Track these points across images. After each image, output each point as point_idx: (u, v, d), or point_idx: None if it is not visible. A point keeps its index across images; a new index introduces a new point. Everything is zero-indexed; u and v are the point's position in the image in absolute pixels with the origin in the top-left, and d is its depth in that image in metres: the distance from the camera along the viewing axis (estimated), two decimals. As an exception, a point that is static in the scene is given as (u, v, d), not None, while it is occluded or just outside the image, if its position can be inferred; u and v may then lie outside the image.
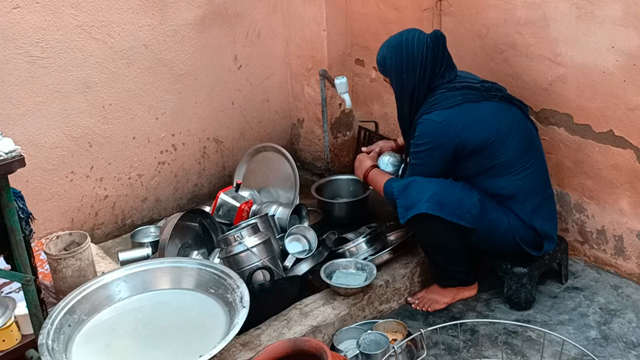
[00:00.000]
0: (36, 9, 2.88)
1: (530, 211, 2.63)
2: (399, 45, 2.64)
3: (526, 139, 2.64)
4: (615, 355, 2.47)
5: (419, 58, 2.60)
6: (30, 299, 2.18)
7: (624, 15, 2.56)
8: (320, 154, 3.85)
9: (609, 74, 2.68)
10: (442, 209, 2.54)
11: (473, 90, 2.62)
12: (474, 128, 2.55)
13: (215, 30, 3.48)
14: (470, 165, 2.61)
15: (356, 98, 3.76)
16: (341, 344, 2.55)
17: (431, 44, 2.60)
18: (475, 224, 2.58)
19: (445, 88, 2.61)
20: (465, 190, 2.61)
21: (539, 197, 2.66)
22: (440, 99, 2.59)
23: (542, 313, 2.72)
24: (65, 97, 3.06)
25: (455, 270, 2.76)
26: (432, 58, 2.60)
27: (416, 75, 2.62)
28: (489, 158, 2.58)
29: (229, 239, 2.74)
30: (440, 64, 2.63)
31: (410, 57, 2.61)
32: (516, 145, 2.59)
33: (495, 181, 2.61)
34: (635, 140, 2.68)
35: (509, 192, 2.62)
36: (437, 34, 2.62)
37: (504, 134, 2.57)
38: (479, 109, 2.59)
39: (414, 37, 2.63)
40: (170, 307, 2.43)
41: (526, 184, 2.62)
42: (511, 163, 2.59)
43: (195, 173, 3.63)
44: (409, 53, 2.61)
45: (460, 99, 2.57)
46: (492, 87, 2.67)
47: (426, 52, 2.60)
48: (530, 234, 2.65)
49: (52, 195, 3.14)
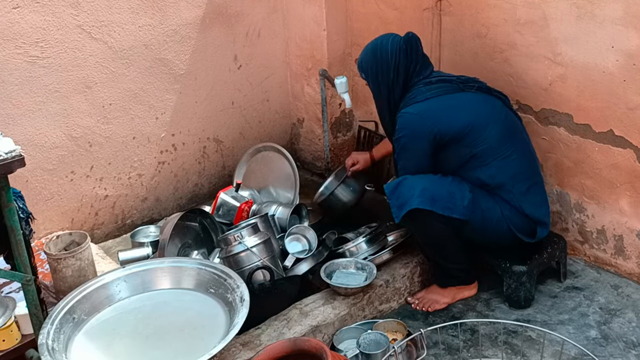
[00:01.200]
0: (36, 9, 2.88)
1: (519, 198, 2.64)
2: (374, 49, 2.76)
3: (507, 127, 2.67)
4: (615, 355, 2.47)
5: (392, 59, 2.70)
6: (30, 298, 2.18)
7: (624, 15, 2.56)
8: (320, 154, 3.85)
9: (609, 73, 2.68)
10: (433, 203, 2.57)
11: (448, 83, 2.69)
12: (451, 116, 2.61)
13: (215, 30, 3.48)
14: (452, 156, 2.64)
15: (356, 98, 3.76)
16: (341, 344, 2.55)
17: (404, 45, 2.70)
18: (468, 216, 2.60)
19: (421, 84, 2.69)
20: (455, 183, 2.63)
21: (527, 183, 2.67)
22: (416, 93, 2.67)
23: (542, 313, 2.72)
24: (65, 97, 3.06)
25: (454, 268, 2.76)
26: (404, 58, 2.70)
27: (390, 76, 2.72)
28: (469, 146, 2.61)
29: (229, 238, 2.74)
30: (415, 63, 2.71)
31: (384, 59, 2.72)
32: (496, 133, 2.62)
33: (479, 171, 2.64)
34: (635, 140, 2.68)
35: (495, 180, 2.64)
36: (410, 35, 2.73)
37: (483, 122, 2.61)
38: (455, 98, 2.66)
39: (387, 40, 2.75)
40: (170, 307, 2.44)
41: (510, 170, 2.64)
42: (492, 150, 2.61)
43: (195, 173, 3.64)
44: (383, 55, 2.72)
45: (435, 92, 2.65)
46: (469, 80, 2.74)
47: (399, 53, 2.70)
48: (524, 220, 2.66)
49: (52, 195, 3.14)
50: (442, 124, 2.58)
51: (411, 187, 2.61)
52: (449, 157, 2.65)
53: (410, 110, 2.64)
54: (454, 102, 2.65)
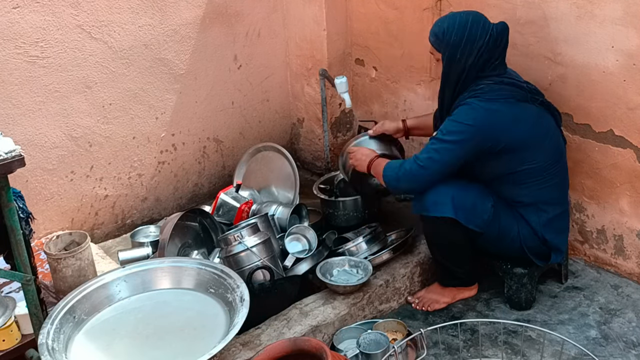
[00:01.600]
0: (36, 9, 2.88)
1: (544, 223, 2.59)
2: (464, 24, 2.51)
3: (556, 150, 2.60)
4: (615, 354, 2.47)
5: (479, 43, 2.49)
6: (30, 298, 2.18)
7: (624, 15, 2.56)
8: (320, 154, 3.85)
9: (609, 73, 2.68)
10: (455, 212, 2.51)
11: (519, 89, 2.55)
12: (515, 126, 2.48)
13: (215, 30, 3.48)
14: (498, 167, 2.55)
15: (356, 98, 3.76)
16: (341, 344, 2.55)
17: (495, 33, 2.51)
18: (484, 229, 2.57)
19: (492, 80, 2.53)
20: (481, 195, 2.57)
21: (556, 210, 2.62)
22: (487, 89, 2.50)
23: (542, 313, 2.72)
24: (65, 97, 3.06)
25: (457, 270, 2.76)
26: (492, 47, 2.51)
27: (470, 60, 2.51)
28: (519, 162, 2.52)
29: (229, 238, 2.74)
30: (497, 56, 2.55)
31: (472, 39, 2.49)
32: (546, 154, 2.54)
33: (515, 188, 2.57)
34: (635, 140, 2.68)
35: (527, 200, 2.58)
36: (504, 25, 2.54)
37: (538, 141, 2.52)
38: (522, 109, 2.52)
39: (479, 21, 2.52)
40: (170, 307, 2.44)
41: (546, 195, 2.58)
42: (537, 172, 2.54)
43: (195, 173, 3.64)
44: (472, 35, 2.50)
45: (506, 94, 2.50)
46: (535, 90, 2.61)
47: (488, 40, 2.50)
48: (538, 244, 2.62)
49: (52, 195, 3.14)
50: (504, 131, 2.46)
51: (444, 192, 2.52)
52: (494, 167, 2.55)
53: (480, 103, 2.47)
54: (520, 113, 2.50)
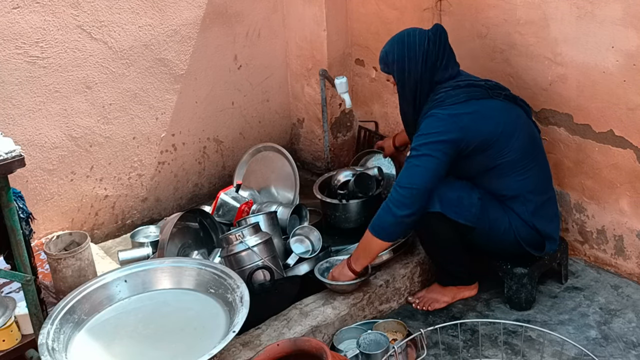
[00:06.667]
0: (36, 9, 2.88)
1: (532, 212, 2.62)
2: (401, 39, 2.65)
3: (529, 139, 2.63)
4: (615, 355, 2.47)
5: (420, 49, 2.60)
6: (30, 299, 2.18)
7: (624, 15, 2.56)
8: (321, 154, 3.85)
9: (609, 73, 2.68)
10: (442, 206, 2.54)
11: (477, 87, 2.60)
12: (480, 124, 2.52)
13: (215, 30, 3.48)
14: (473, 165, 2.59)
15: (356, 98, 3.76)
16: (341, 344, 2.55)
17: (432, 36, 2.61)
18: (475, 223, 2.58)
19: (449, 86, 2.60)
20: (465, 189, 2.60)
21: (542, 198, 2.65)
22: (445, 96, 2.57)
23: (542, 313, 2.72)
24: (65, 97, 3.06)
25: (453, 269, 2.76)
26: (433, 49, 2.60)
27: (418, 67, 2.60)
28: (492, 157, 2.56)
29: (230, 237, 2.73)
30: (442, 56, 2.62)
31: (412, 48, 2.61)
32: (519, 145, 2.57)
33: (498, 181, 2.60)
34: (636, 140, 2.68)
35: (511, 192, 2.61)
36: (438, 26, 2.64)
37: (508, 133, 2.55)
38: (484, 105, 2.57)
39: (414, 32, 2.65)
40: (170, 307, 2.44)
41: (529, 184, 2.61)
42: (514, 163, 2.57)
43: (195, 173, 3.63)
44: (411, 44, 2.61)
45: (465, 96, 2.56)
46: (496, 86, 2.66)
47: (428, 43, 2.60)
48: (532, 234, 2.64)
49: (52, 196, 3.14)
50: (470, 131, 2.49)
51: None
52: (469, 166, 2.59)
53: (442, 111, 2.53)
54: (483, 110, 2.55)
